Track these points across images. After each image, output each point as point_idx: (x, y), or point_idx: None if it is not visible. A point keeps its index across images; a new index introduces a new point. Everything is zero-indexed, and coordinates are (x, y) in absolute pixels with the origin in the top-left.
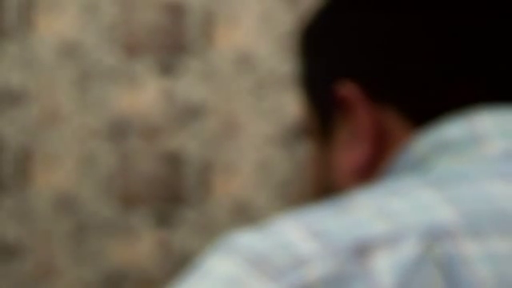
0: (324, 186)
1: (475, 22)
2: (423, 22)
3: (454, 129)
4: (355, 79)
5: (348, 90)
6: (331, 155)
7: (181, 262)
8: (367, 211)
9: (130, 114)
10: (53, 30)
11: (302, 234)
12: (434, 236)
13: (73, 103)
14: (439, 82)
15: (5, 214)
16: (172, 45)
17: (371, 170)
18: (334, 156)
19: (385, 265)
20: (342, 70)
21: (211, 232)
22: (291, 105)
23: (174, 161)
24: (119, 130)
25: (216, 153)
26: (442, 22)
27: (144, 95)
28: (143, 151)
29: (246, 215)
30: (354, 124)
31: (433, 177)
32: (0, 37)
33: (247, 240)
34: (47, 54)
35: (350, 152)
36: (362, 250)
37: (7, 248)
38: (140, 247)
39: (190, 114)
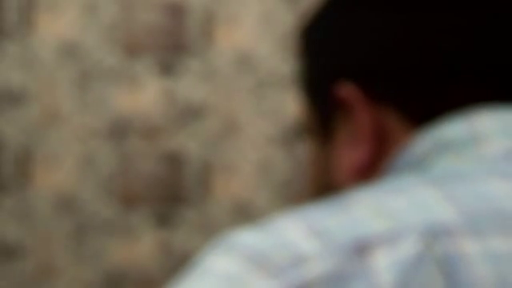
0: (324, 186)
1: (476, 21)
2: (423, 22)
3: (454, 128)
4: (355, 79)
5: (347, 90)
6: (331, 155)
7: (181, 262)
8: (367, 210)
9: (130, 114)
10: (53, 29)
11: (302, 232)
12: (434, 234)
13: (73, 103)
14: (439, 82)
15: (5, 214)
16: (172, 45)
17: (371, 169)
18: (335, 156)
19: (384, 263)
20: (341, 70)
21: (211, 232)
22: (291, 105)
23: (173, 161)
24: (119, 130)
25: (216, 153)
26: (441, 22)
27: (144, 95)
28: (143, 151)
29: (246, 215)
30: (354, 124)
31: (432, 175)
32: (0, 37)
33: (247, 238)
34: (47, 53)
35: (350, 152)
36: (361, 249)
37: (7, 248)
38: (140, 247)
39: (190, 114)
